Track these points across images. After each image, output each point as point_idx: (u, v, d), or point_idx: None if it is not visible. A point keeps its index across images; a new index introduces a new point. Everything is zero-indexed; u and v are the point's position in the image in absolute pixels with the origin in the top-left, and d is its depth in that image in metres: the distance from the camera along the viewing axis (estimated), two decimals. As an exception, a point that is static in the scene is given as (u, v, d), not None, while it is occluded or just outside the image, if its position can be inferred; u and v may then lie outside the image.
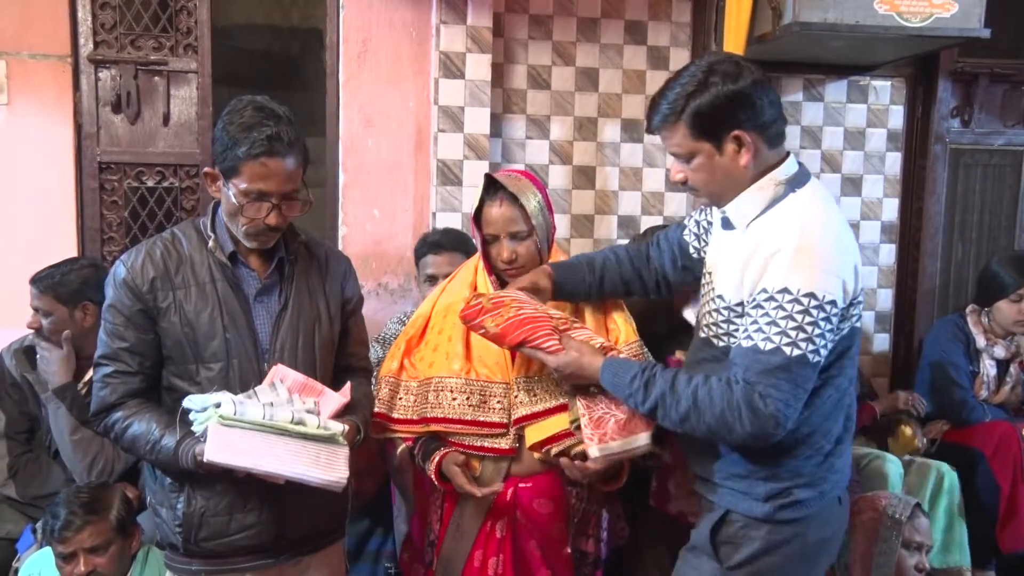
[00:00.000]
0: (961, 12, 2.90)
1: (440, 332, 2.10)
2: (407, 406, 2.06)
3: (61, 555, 2.15)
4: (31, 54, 2.97)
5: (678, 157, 1.69)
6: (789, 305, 1.53)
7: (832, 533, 1.78)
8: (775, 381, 1.54)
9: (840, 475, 1.75)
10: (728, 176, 1.66)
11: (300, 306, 1.94)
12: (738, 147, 1.63)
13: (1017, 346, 3.26)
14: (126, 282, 1.84)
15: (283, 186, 1.80)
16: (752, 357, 1.56)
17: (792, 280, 1.54)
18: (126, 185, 3.12)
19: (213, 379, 1.85)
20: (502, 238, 2.02)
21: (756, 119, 1.62)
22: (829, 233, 1.60)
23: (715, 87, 1.60)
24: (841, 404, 1.71)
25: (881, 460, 2.88)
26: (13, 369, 2.60)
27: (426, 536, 2.16)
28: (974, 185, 3.73)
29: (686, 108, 1.62)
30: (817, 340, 1.54)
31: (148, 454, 1.83)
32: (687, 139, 1.65)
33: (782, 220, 1.63)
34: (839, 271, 1.56)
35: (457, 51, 3.11)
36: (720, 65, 1.62)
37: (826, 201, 1.68)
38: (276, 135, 1.76)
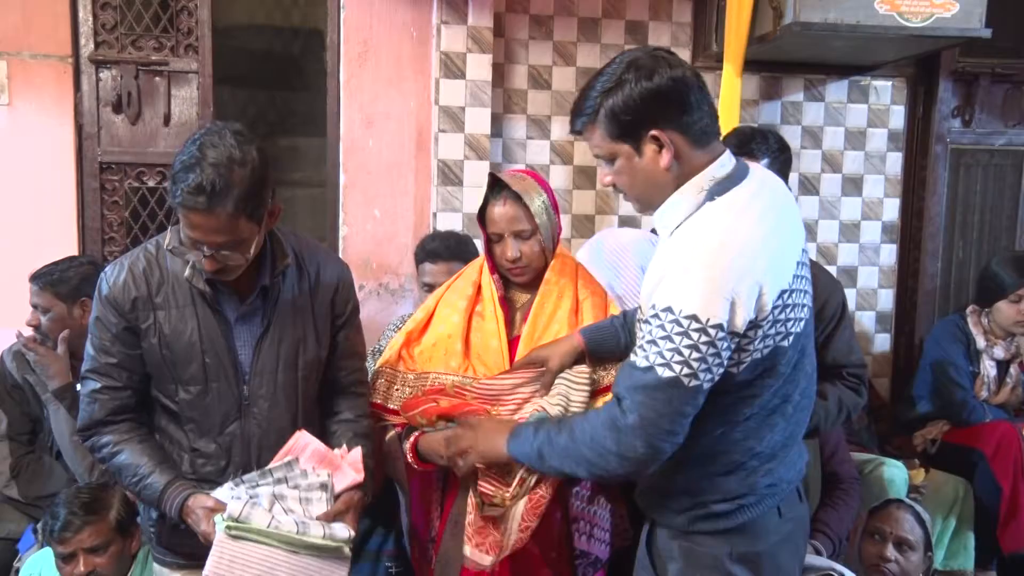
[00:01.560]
0: (962, 12, 2.90)
1: (442, 329, 2.10)
2: (403, 398, 2.06)
3: (61, 555, 2.15)
4: (32, 54, 2.98)
5: (601, 159, 1.62)
6: (670, 325, 1.45)
7: (771, 544, 1.66)
8: (642, 399, 1.49)
9: (770, 489, 1.65)
10: (650, 179, 1.57)
11: (283, 329, 1.88)
12: (658, 147, 1.53)
13: (1017, 347, 3.26)
14: (108, 300, 1.81)
15: (212, 237, 1.67)
16: (627, 372, 1.52)
17: (676, 299, 1.45)
18: (127, 185, 3.13)
19: (192, 401, 1.84)
20: (506, 237, 2.02)
21: (676, 117, 1.52)
22: (727, 251, 1.47)
23: (629, 84, 1.51)
24: (769, 422, 1.61)
25: (886, 466, 2.88)
26: (14, 370, 2.61)
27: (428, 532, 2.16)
28: (975, 185, 3.72)
29: (601, 108, 1.54)
30: (694, 364, 1.45)
31: (132, 487, 1.82)
32: (605, 141, 1.57)
33: (686, 234, 1.53)
34: (731, 293, 1.44)
35: (458, 51, 3.11)
36: (638, 60, 1.53)
37: (745, 211, 1.53)
38: (200, 186, 1.62)
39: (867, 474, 2.84)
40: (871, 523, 2.48)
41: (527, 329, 2.02)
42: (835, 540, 2.49)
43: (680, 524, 1.66)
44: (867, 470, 2.86)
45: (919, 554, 2.43)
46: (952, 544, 2.99)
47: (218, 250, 1.69)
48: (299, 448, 1.84)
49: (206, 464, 1.88)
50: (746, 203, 1.55)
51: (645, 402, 1.48)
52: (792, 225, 1.61)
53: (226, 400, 1.85)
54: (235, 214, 1.66)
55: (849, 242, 3.61)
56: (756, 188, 1.58)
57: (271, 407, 1.89)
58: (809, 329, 1.64)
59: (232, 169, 1.64)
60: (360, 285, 3.14)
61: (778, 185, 1.66)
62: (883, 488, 2.80)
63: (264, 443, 1.90)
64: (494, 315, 2.04)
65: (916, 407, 3.32)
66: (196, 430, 1.87)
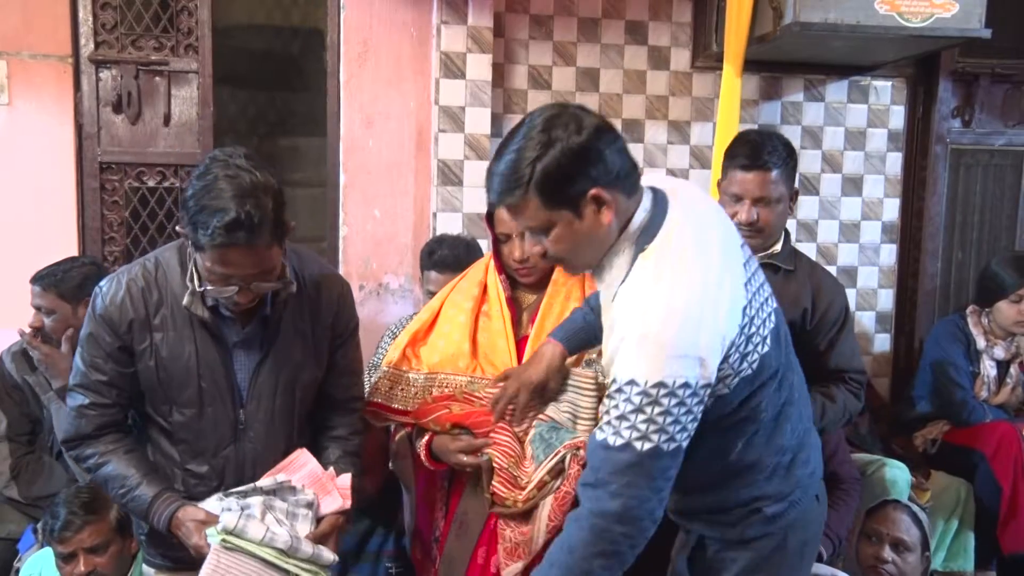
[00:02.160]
0: (962, 12, 2.90)
1: (448, 329, 2.09)
2: (408, 398, 2.06)
3: (61, 555, 2.15)
4: (32, 54, 2.98)
5: (533, 231, 1.51)
6: (637, 398, 1.41)
7: (813, 533, 1.75)
8: (628, 480, 1.43)
9: (810, 478, 1.70)
10: (592, 241, 1.50)
11: (282, 354, 1.86)
12: (598, 207, 1.45)
13: (1017, 347, 3.26)
14: (104, 318, 1.77)
15: (249, 270, 1.65)
16: (602, 455, 1.46)
17: (638, 371, 1.41)
18: (127, 185, 3.13)
19: (186, 423, 1.83)
20: (514, 237, 2.02)
21: (610, 173, 1.45)
22: (676, 315, 1.42)
23: (560, 144, 1.42)
24: (786, 413, 1.62)
25: (888, 467, 2.88)
26: (13, 371, 2.61)
27: (432, 532, 2.16)
28: (975, 185, 3.72)
29: (533, 176, 1.42)
30: (671, 428, 1.42)
31: (119, 498, 1.80)
32: (541, 210, 1.46)
33: (629, 298, 1.47)
34: (691, 350, 1.41)
35: (458, 51, 3.11)
36: (558, 120, 1.44)
37: (681, 256, 1.47)
38: (237, 221, 1.57)
39: (870, 475, 2.83)
40: (867, 524, 2.48)
41: (535, 330, 2.02)
42: (835, 541, 2.49)
43: (736, 535, 1.67)
44: (870, 471, 2.85)
45: (916, 555, 2.43)
46: (952, 545, 2.99)
47: (251, 282, 1.67)
48: (297, 466, 1.83)
49: (199, 484, 1.86)
50: (679, 244, 1.49)
51: (631, 482, 1.44)
52: (724, 232, 1.56)
53: (222, 424, 1.83)
54: (270, 243, 1.65)
55: (849, 242, 3.60)
56: (681, 218, 1.51)
57: (267, 431, 1.88)
58: (780, 318, 1.63)
59: (260, 198, 1.60)
60: (360, 285, 3.15)
61: (697, 198, 1.61)
62: (886, 489, 2.79)
63: (258, 465, 1.89)
64: (501, 315, 2.04)
65: (916, 407, 3.32)
66: (189, 451, 1.85)
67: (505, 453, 1.91)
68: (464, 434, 1.96)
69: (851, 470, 2.66)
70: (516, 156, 1.45)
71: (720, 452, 1.60)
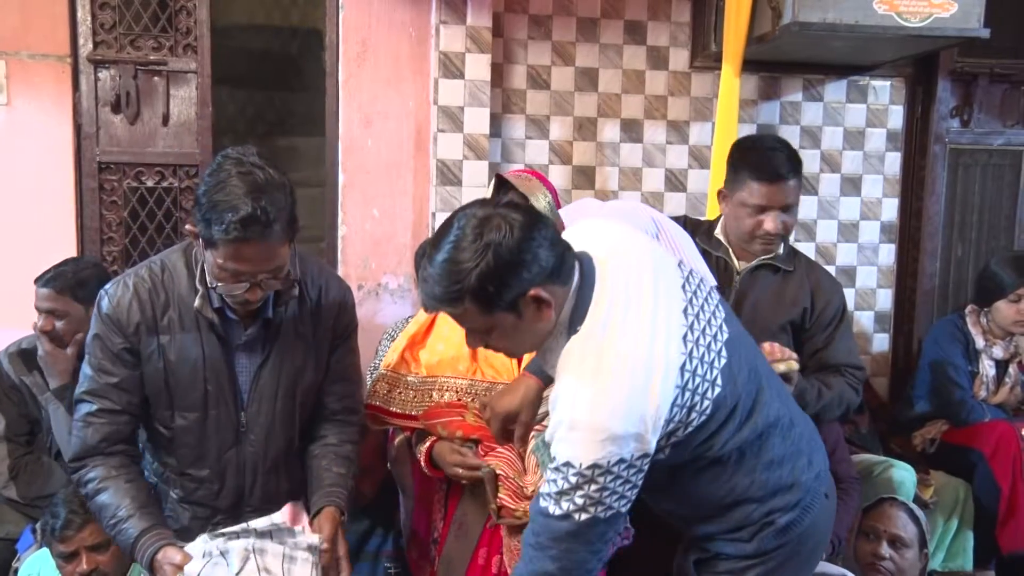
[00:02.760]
0: (960, 12, 2.90)
1: (447, 330, 2.09)
2: (406, 401, 2.06)
3: (62, 554, 2.14)
4: (30, 54, 2.97)
5: (474, 331, 1.53)
6: (574, 478, 1.45)
7: (824, 531, 1.77)
8: (568, 546, 1.50)
9: (815, 480, 1.71)
10: (534, 333, 1.51)
11: (283, 356, 1.86)
12: (538, 306, 1.46)
13: (1016, 346, 3.26)
14: (112, 319, 1.77)
15: (261, 266, 1.67)
16: (543, 522, 1.51)
17: (573, 454, 1.44)
18: (125, 185, 3.12)
19: (188, 427, 1.83)
20: None
21: (545, 270, 1.45)
22: (602, 397, 1.43)
23: (490, 255, 1.40)
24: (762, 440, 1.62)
25: (895, 469, 2.88)
26: (11, 372, 2.60)
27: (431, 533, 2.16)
28: (973, 185, 3.72)
29: (467, 290, 1.42)
30: (608, 500, 1.46)
31: (108, 529, 1.77)
32: (480, 317, 1.46)
33: (561, 383, 1.49)
34: (623, 429, 1.43)
35: (456, 51, 3.11)
36: (489, 224, 1.42)
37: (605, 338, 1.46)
38: (252, 216, 1.59)
39: (876, 476, 2.84)
40: (865, 522, 2.48)
41: None
42: (834, 540, 2.49)
43: (751, 550, 1.68)
44: (876, 472, 2.85)
45: (914, 551, 2.43)
46: (951, 545, 2.99)
47: (262, 279, 1.68)
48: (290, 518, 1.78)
49: (198, 489, 1.87)
50: (605, 324, 1.48)
51: (570, 548, 1.50)
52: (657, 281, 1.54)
53: (224, 427, 1.84)
54: (283, 238, 1.67)
55: (848, 242, 3.60)
56: (607, 293, 1.50)
57: (267, 434, 1.88)
58: (735, 346, 1.60)
59: (273, 195, 1.63)
60: (358, 285, 3.14)
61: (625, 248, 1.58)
62: (892, 491, 2.78)
63: (259, 468, 1.90)
64: None
65: (915, 407, 3.32)
66: (190, 456, 1.85)
67: (508, 463, 1.92)
68: (469, 448, 1.96)
69: (850, 469, 2.67)
70: (450, 266, 1.43)
71: (712, 485, 1.64)
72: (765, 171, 2.21)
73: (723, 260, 2.33)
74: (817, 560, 1.82)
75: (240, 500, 1.92)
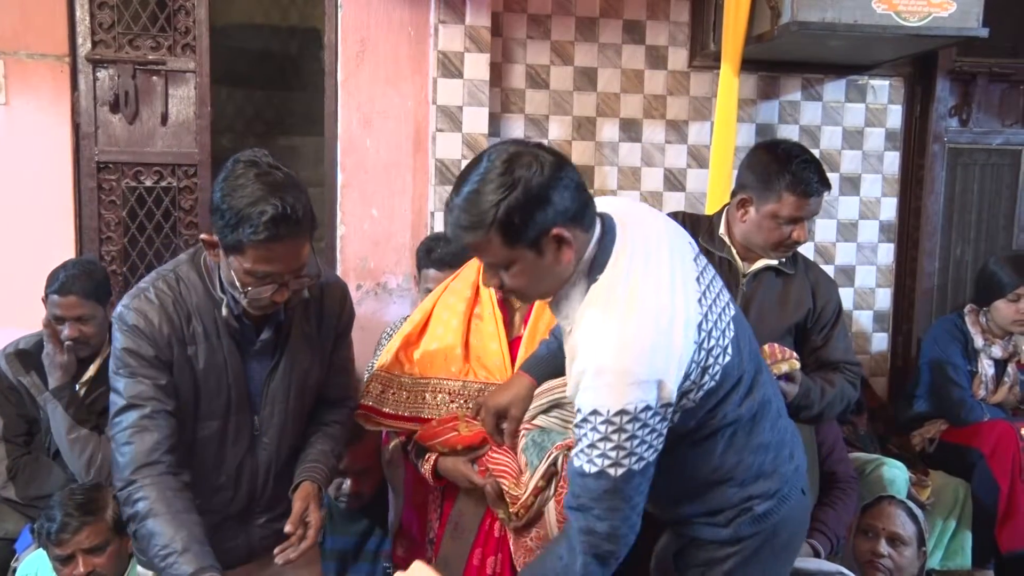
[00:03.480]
0: (959, 11, 2.90)
1: (441, 332, 2.09)
2: (399, 401, 2.06)
3: (59, 558, 2.14)
4: (29, 54, 2.97)
5: (493, 266, 1.54)
6: (603, 427, 1.45)
7: (799, 525, 1.79)
8: (609, 504, 1.50)
9: (795, 473, 1.73)
10: (552, 275, 1.53)
11: (292, 358, 1.87)
12: (559, 245, 1.48)
13: (1015, 346, 3.26)
14: (140, 330, 1.73)
15: (290, 265, 1.67)
16: (581, 483, 1.51)
17: (600, 401, 1.45)
18: (124, 185, 3.12)
19: (209, 437, 1.82)
20: None
21: (569, 211, 1.47)
22: (628, 340, 1.45)
23: (521, 188, 1.43)
24: (755, 421, 1.64)
25: (887, 467, 2.88)
26: (9, 372, 2.60)
27: (426, 534, 2.16)
28: (972, 184, 3.73)
29: (496, 217, 1.44)
30: (639, 449, 1.47)
31: (157, 558, 1.68)
32: (502, 249, 1.47)
33: (585, 331, 1.50)
34: (648, 375, 1.45)
35: (455, 51, 3.10)
36: (520, 159, 1.45)
37: (628, 284, 1.49)
38: (283, 215, 1.59)
39: (868, 474, 2.84)
40: (863, 520, 2.49)
41: (528, 332, 2.02)
42: (833, 540, 2.50)
43: (727, 536, 1.68)
44: (868, 470, 2.86)
45: (912, 549, 2.44)
46: (950, 544, 2.99)
47: (289, 279, 1.69)
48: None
49: (213, 496, 1.86)
50: (627, 273, 1.51)
51: (612, 506, 1.50)
52: (674, 250, 1.58)
53: (241, 433, 1.84)
54: (307, 236, 1.69)
55: (847, 241, 3.61)
56: (629, 245, 1.53)
57: (280, 435, 1.89)
58: (740, 325, 1.64)
59: (295, 193, 1.63)
60: (357, 285, 3.14)
61: (645, 218, 1.62)
62: (884, 488, 2.80)
63: (271, 471, 1.91)
64: (493, 317, 2.04)
65: (914, 406, 3.32)
66: (208, 464, 1.84)
67: (507, 475, 1.92)
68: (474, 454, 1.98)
69: (848, 469, 2.67)
70: (478, 195, 1.45)
71: (702, 460, 1.64)
72: (804, 186, 2.20)
73: (727, 260, 2.33)
74: (793, 554, 1.82)
75: (251, 504, 1.92)
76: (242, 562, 1.92)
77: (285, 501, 1.87)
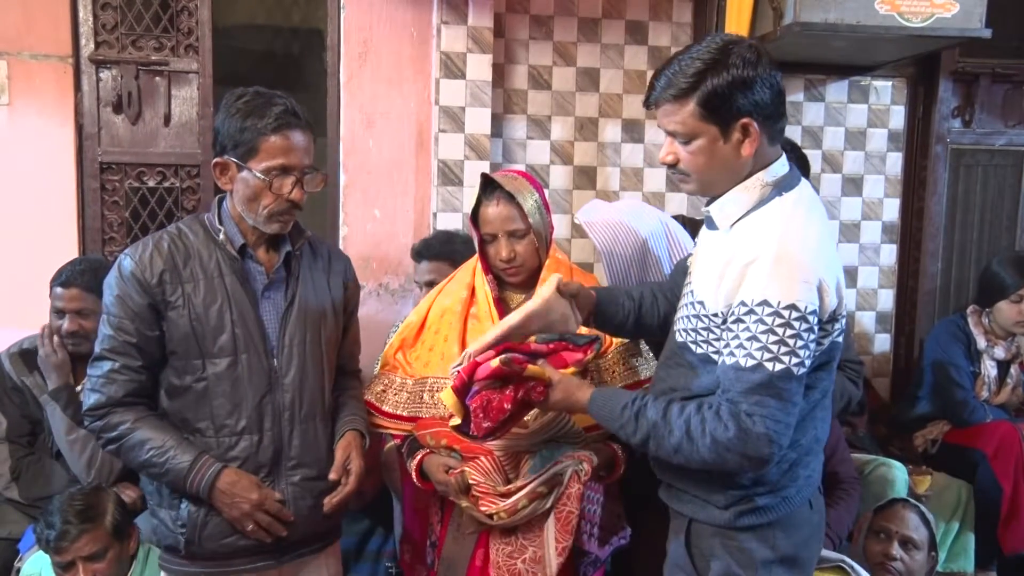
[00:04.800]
0: (962, 12, 2.90)
1: (437, 332, 2.10)
2: (399, 402, 2.06)
3: (59, 564, 2.14)
4: (32, 54, 2.97)
5: (676, 136, 1.59)
6: (769, 319, 1.46)
7: (806, 538, 1.72)
8: (760, 399, 1.48)
9: (807, 480, 1.70)
10: (727, 165, 1.58)
11: (306, 302, 1.94)
12: (743, 136, 1.55)
13: (1018, 347, 3.26)
14: (134, 275, 1.82)
15: (303, 159, 1.83)
16: (734, 376, 1.51)
17: (771, 291, 1.47)
18: (127, 185, 3.12)
19: (221, 374, 1.85)
20: (500, 237, 2.02)
21: (766, 110, 1.54)
22: (809, 242, 1.53)
23: (734, 69, 1.51)
24: (812, 415, 1.65)
25: (887, 467, 2.88)
26: (13, 373, 2.60)
27: (428, 536, 2.16)
28: (975, 185, 3.72)
29: (701, 85, 1.52)
30: (801, 352, 1.48)
31: (150, 462, 1.80)
32: (693, 118, 1.55)
33: (762, 225, 1.56)
34: (820, 282, 1.50)
35: (458, 51, 3.11)
36: (738, 47, 1.53)
37: (812, 208, 1.60)
38: (290, 109, 1.80)
39: (867, 474, 2.84)
40: (876, 522, 2.49)
41: None
42: (835, 540, 2.50)
43: (724, 520, 1.66)
44: (867, 470, 2.86)
45: (923, 553, 2.44)
46: (953, 546, 2.98)
47: (304, 174, 1.83)
48: None
49: (239, 442, 1.86)
50: (811, 200, 1.61)
51: (765, 401, 1.48)
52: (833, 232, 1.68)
53: (257, 373, 1.87)
54: (311, 134, 1.86)
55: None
56: (810, 191, 1.64)
57: (301, 379, 1.92)
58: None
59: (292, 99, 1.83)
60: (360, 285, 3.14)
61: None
62: (883, 488, 2.80)
63: (296, 416, 1.92)
64: (489, 316, 2.04)
65: (916, 407, 3.32)
66: (226, 405, 1.86)
67: (480, 470, 1.91)
68: (454, 457, 1.98)
69: (850, 469, 2.67)
70: (690, 62, 1.53)
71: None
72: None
73: None
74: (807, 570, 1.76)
75: (280, 452, 1.92)
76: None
77: (317, 451, 1.94)
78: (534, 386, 1.71)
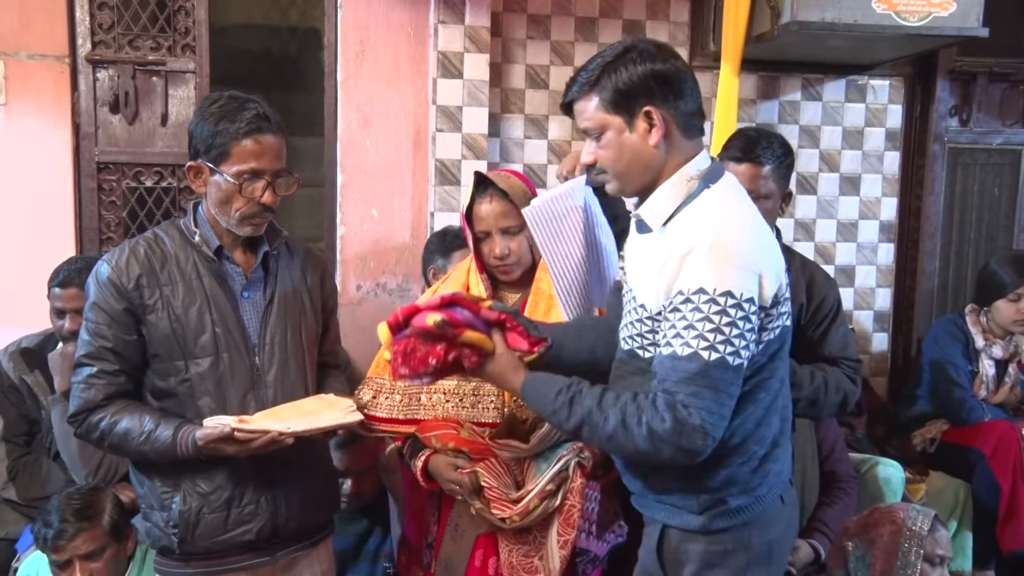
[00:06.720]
0: (959, 11, 2.90)
1: None
2: (393, 405, 2.05)
3: (56, 563, 2.13)
4: (29, 54, 2.97)
5: (588, 133, 1.64)
6: (705, 306, 1.45)
7: (779, 534, 1.71)
8: (695, 389, 1.46)
9: (777, 476, 1.68)
10: (638, 156, 1.60)
11: (285, 300, 1.95)
12: (648, 125, 1.57)
13: (1016, 346, 3.26)
14: (111, 280, 1.83)
15: (274, 163, 1.83)
16: (671, 365, 1.49)
17: (707, 279, 1.47)
18: (124, 185, 3.12)
19: (204, 374, 1.86)
20: (493, 234, 2.02)
21: (671, 100, 1.58)
22: (744, 229, 1.54)
23: (633, 62, 1.57)
24: (775, 406, 1.64)
25: (882, 466, 2.88)
26: (11, 372, 2.59)
27: (424, 538, 2.16)
28: (972, 184, 3.72)
29: (600, 79, 1.58)
30: (736, 342, 1.46)
31: (141, 445, 1.81)
32: (599, 111, 1.60)
33: (697, 217, 1.56)
34: (756, 268, 1.50)
35: (455, 51, 3.11)
36: (641, 43, 1.61)
37: (742, 198, 1.62)
38: (262, 114, 1.81)
39: (863, 474, 2.84)
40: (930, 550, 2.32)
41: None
42: (833, 539, 2.49)
43: (699, 524, 1.64)
44: (863, 470, 2.86)
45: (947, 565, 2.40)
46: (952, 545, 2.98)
47: (276, 177, 1.84)
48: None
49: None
50: (738, 189, 1.63)
51: (701, 392, 1.47)
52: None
53: (239, 371, 1.88)
54: (284, 139, 1.87)
55: (847, 241, 3.61)
56: (735, 180, 1.66)
57: (283, 376, 1.93)
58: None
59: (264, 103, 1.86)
60: (357, 285, 3.15)
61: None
62: (879, 488, 2.80)
63: None
64: None
65: (915, 407, 3.32)
66: (212, 403, 1.87)
67: (491, 472, 1.92)
68: (462, 457, 1.97)
69: (848, 468, 2.67)
70: (596, 61, 1.60)
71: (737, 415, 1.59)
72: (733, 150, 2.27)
73: None
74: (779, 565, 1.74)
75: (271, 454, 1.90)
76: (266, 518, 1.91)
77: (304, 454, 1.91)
78: (469, 354, 1.69)
